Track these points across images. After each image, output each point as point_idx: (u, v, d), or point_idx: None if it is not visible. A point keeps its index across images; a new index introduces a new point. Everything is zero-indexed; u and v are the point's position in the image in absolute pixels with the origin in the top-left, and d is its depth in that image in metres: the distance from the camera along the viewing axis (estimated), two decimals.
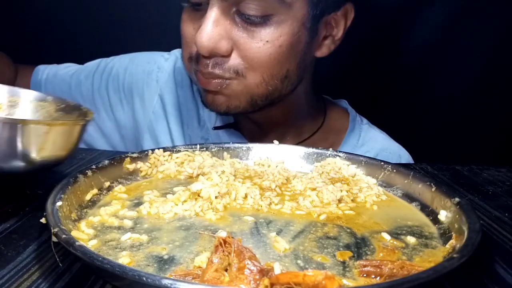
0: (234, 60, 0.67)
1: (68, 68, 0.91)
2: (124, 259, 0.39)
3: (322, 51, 0.73)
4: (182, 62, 0.76)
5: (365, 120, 0.85)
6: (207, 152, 0.63)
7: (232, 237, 0.37)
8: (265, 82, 0.68)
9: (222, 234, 0.37)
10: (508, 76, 0.92)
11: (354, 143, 0.81)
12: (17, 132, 0.44)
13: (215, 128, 0.81)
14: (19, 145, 0.45)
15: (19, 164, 0.46)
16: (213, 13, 0.64)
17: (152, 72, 0.86)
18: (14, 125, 0.44)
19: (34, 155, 0.46)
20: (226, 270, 0.34)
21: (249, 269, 0.33)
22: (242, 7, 0.64)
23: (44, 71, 0.91)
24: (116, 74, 0.86)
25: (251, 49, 0.66)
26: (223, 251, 0.35)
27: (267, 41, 0.65)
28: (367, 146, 0.81)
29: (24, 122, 0.45)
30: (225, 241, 0.36)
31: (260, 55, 0.66)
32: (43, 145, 0.46)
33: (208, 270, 0.34)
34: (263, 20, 0.65)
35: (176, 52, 0.87)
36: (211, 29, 0.63)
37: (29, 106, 0.58)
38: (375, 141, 0.83)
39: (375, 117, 0.90)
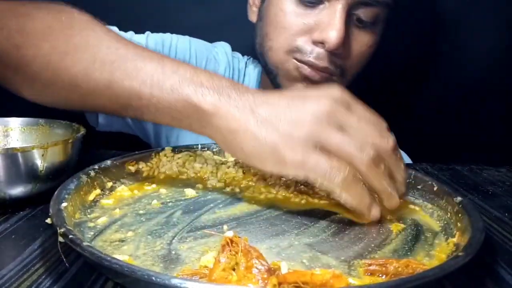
0: (342, 58, 0.70)
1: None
2: (129, 258, 0.39)
3: None
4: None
5: None
6: (208, 152, 0.63)
7: (239, 237, 0.37)
8: (350, 80, 0.74)
9: (229, 233, 0.37)
10: (508, 75, 0.92)
11: None
12: (18, 160, 0.48)
13: None
14: (22, 171, 0.49)
15: (24, 188, 0.50)
16: (342, 12, 0.66)
17: (211, 60, 0.85)
18: (14, 154, 0.48)
19: (37, 176, 0.50)
20: (233, 270, 0.35)
21: (257, 268, 0.33)
22: (360, 12, 0.68)
23: None
24: (182, 55, 0.83)
25: (357, 50, 0.70)
26: (230, 251, 0.35)
27: (370, 46, 0.71)
28: None
29: (22, 149, 0.48)
30: (232, 241, 0.36)
31: (362, 57, 0.72)
32: (43, 166, 0.50)
33: (215, 269, 0.34)
34: (372, 26, 0.70)
35: (225, 47, 0.87)
36: (343, 28, 0.66)
37: (24, 132, 0.61)
38: None
39: None
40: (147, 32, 0.84)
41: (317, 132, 0.43)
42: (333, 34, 0.65)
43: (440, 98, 0.97)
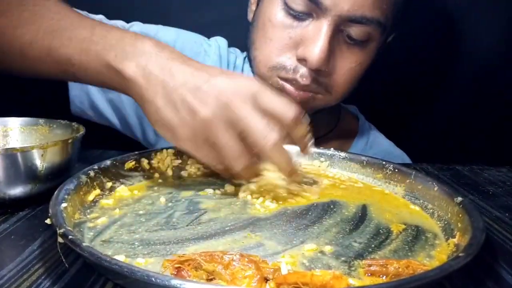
0: (328, 76, 0.68)
1: None
2: (128, 258, 0.39)
3: None
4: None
5: (373, 126, 0.89)
6: None
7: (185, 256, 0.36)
8: (340, 98, 0.72)
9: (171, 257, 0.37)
10: (508, 75, 0.92)
11: (363, 147, 0.84)
12: (18, 160, 0.48)
13: None
14: (21, 171, 0.49)
15: (24, 188, 0.50)
16: (328, 29, 0.63)
17: (199, 54, 0.82)
18: (13, 154, 0.48)
19: (36, 177, 0.50)
20: (212, 279, 0.34)
21: (234, 261, 0.33)
22: (349, 29, 0.65)
23: None
24: None
25: (344, 68, 0.68)
26: (188, 272, 0.35)
27: (359, 63, 0.69)
28: (374, 149, 0.84)
29: (22, 149, 0.48)
30: (181, 263, 0.35)
31: (350, 75, 0.69)
32: (42, 166, 0.50)
33: None
34: (363, 44, 0.67)
35: (219, 41, 0.85)
36: (327, 46, 0.63)
37: (23, 132, 0.61)
38: (381, 145, 0.86)
39: (375, 116, 0.90)
40: (134, 22, 0.82)
41: (210, 128, 0.47)
42: (315, 51, 0.63)
43: (440, 99, 0.97)
